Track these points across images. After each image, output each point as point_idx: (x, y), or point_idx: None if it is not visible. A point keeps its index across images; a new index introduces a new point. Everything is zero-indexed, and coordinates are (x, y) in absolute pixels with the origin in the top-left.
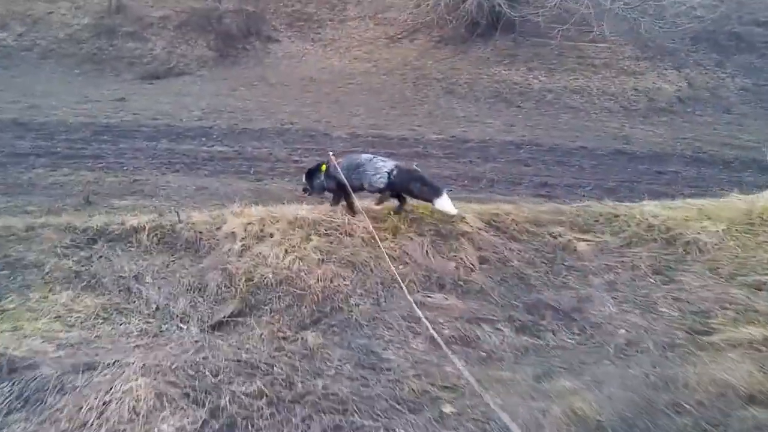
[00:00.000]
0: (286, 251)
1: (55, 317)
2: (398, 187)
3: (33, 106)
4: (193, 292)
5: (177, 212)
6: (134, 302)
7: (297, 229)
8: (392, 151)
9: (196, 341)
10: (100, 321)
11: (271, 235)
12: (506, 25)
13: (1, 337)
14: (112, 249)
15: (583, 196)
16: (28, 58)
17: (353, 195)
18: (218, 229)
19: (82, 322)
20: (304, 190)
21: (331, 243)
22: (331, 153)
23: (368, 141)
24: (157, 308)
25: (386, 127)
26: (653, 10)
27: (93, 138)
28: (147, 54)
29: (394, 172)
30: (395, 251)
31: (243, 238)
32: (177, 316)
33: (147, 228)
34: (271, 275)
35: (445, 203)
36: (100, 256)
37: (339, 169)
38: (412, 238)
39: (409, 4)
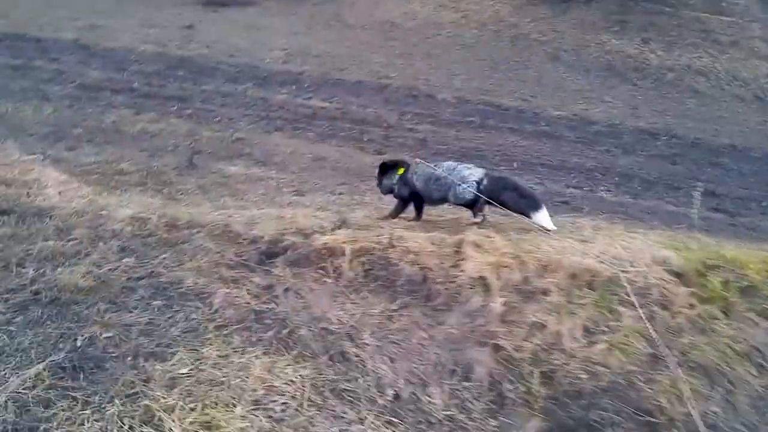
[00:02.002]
0: (586, 330)
1: (254, 402)
2: (490, 198)
3: (94, 27)
4: (450, 378)
5: (390, 236)
6: (357, 379)
7: (584, 288)
8: (513, 126)
9: None
10: (315, 410)
11: (545, 293)
12: None
13: None
14: (300, 278)
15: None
16: None
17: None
18: (455, 266)
19: (293, 417)
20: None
21: (652, 320)
22: (418, 160)
23: (479, 110)
24: (397, 396)
25: (495, 94)
26: None
27: (169, 73)
28: None
29: (484, 182)
30: (739, 342)
31: (500, 290)
32: (439, 420)
33: (348, 252)
34: (584, 375)
35: (543, 218)
36: (286, 289)
37: (424, 175)
38: (756, 323)
39: None
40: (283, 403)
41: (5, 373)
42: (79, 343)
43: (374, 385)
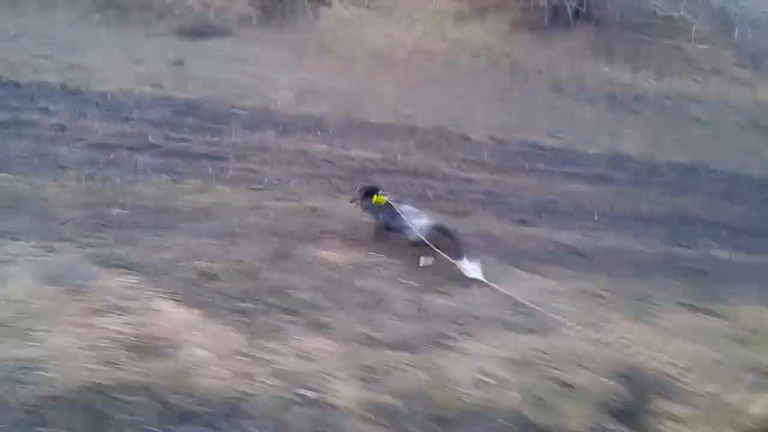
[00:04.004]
0: None
1: None
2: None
3: (75, 66)
4: None
5: None
6: None
7: None
8: (564, 169)
9: None
10: None
11: None
12: (585, 14)
13: None
14: None
15: None
16: None
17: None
18: None
19: None
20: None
21: None
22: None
23: (520, 151)
24: None
25: (523, 131)
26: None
27: (179, 121)
28: (178, 4)
29: (423, 230)
30: None
31: None
32: None
33: None
34: None
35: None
36: None
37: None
38: None
39: None
40: None
41: None
42: None
43: None
